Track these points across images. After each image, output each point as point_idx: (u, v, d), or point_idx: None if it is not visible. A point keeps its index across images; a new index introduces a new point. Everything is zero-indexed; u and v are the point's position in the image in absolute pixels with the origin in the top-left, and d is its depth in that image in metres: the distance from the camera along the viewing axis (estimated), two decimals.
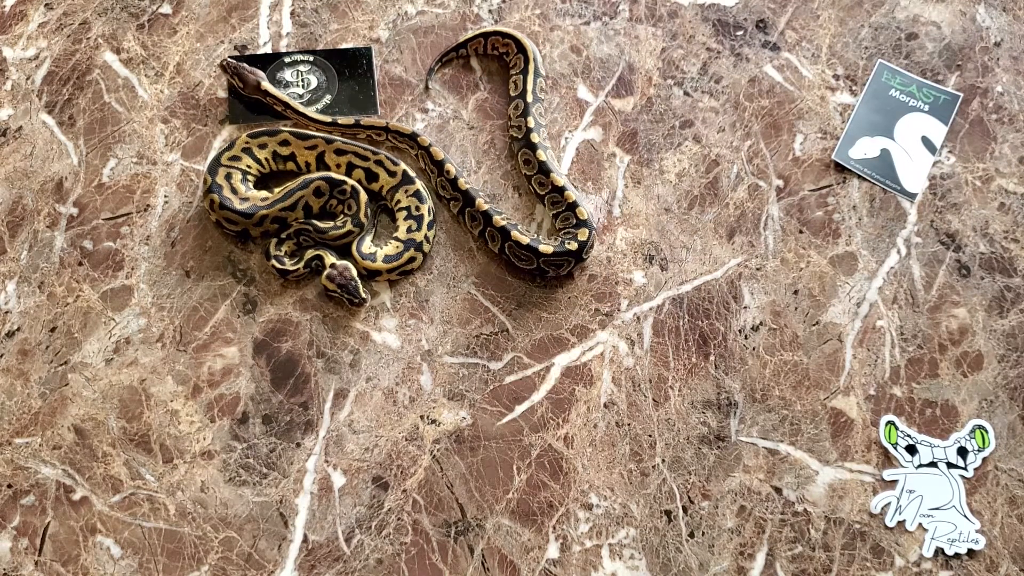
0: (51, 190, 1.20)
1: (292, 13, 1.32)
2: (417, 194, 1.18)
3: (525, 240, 1.14)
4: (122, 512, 1.04)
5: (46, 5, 1.32)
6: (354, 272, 1.13)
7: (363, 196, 1.17)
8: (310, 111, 1.23)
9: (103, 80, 1.27)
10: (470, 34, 1.30)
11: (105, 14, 1.32)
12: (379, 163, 1.20)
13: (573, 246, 1.14)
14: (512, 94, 1.26)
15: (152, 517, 1.04)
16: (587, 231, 1.15)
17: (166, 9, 1.32)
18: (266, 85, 1.22)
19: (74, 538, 1.03)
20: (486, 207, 1.16)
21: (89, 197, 1.20)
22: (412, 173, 1.20)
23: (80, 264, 1.16)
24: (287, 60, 1.29)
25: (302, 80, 1.28)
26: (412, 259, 1.15)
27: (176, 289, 1.15)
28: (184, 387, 1.10)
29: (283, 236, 1.16)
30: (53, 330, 1.13)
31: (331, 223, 1.17)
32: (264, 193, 1.17)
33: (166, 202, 1.20)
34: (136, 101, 1.26)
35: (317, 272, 1.15)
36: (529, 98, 1.24)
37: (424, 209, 1.17)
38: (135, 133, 1.24)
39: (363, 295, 1.12)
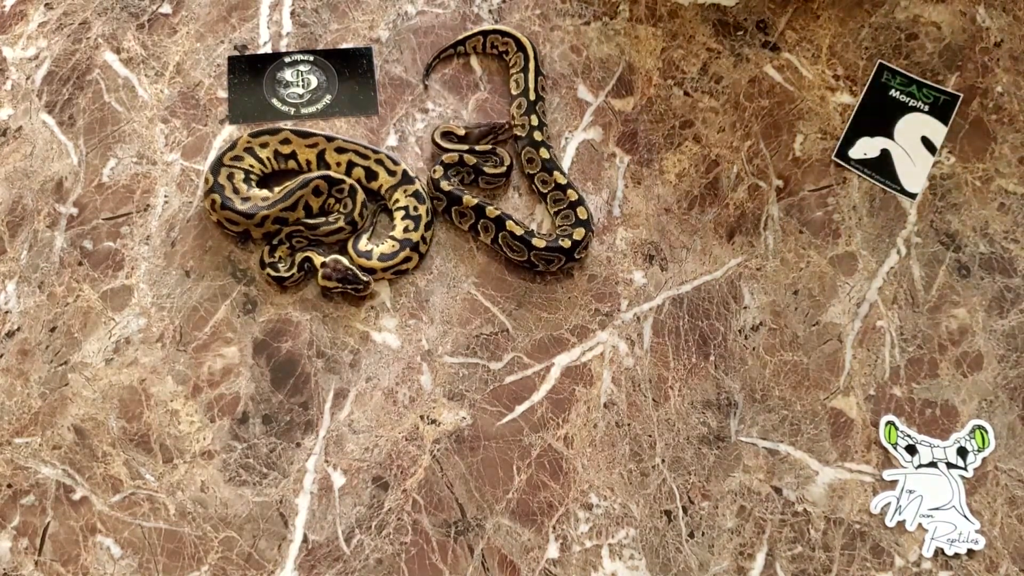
0: (51, 190, 1.20)
1: (292, 13, 1.32)
2: (416, 194, 1.18)
3: (519, 231, 1.14)
4: (122, 512, 1.04)
5: (46, 5, 1.32)
6: (346, 262, 1.13)
7: (360, 195, 1.17)
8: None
9: (103, 80, 1.27)
10: (469, 32, 1.30)
11: (105, 14, 1.32)
12: (379, 162, 1.20)
13: (566, 244, 1.14)
14: (514, 92, 1.26)
15: (152, 517, 1.04)
16: (583, 231, 1.15)
17: (166, 9, 1.32)
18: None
19: (74, 538, 1.03)
20: (476, 201, 1.16)
21: (89, 197, 1.20)
22: (412, 173, 1.20)
23: (80, 264, 1.16)
24: (287, 60, 1.29)
25: (302, 80, 1.28)
26: (408, 259, 1.15)
27: (176, 289, 1.15)
28: (184, 387, 1.10)
29: (275, 242, 1.15)
30: (53, 330, 1.13)
31: (322, 219, 1.17)
32: (265, 193, 1.17)
33: (166, 202, 1.20)
34: (136, 101, 1.26)
35: (309, 273, 1.15)
36: (532, 96, 1.24)
37: (423, 210, 1.17)
38: (135, 133, 1.24)
39: (364, 279, 1.12)
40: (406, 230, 1.16)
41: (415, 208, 1.17)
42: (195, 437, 1.08)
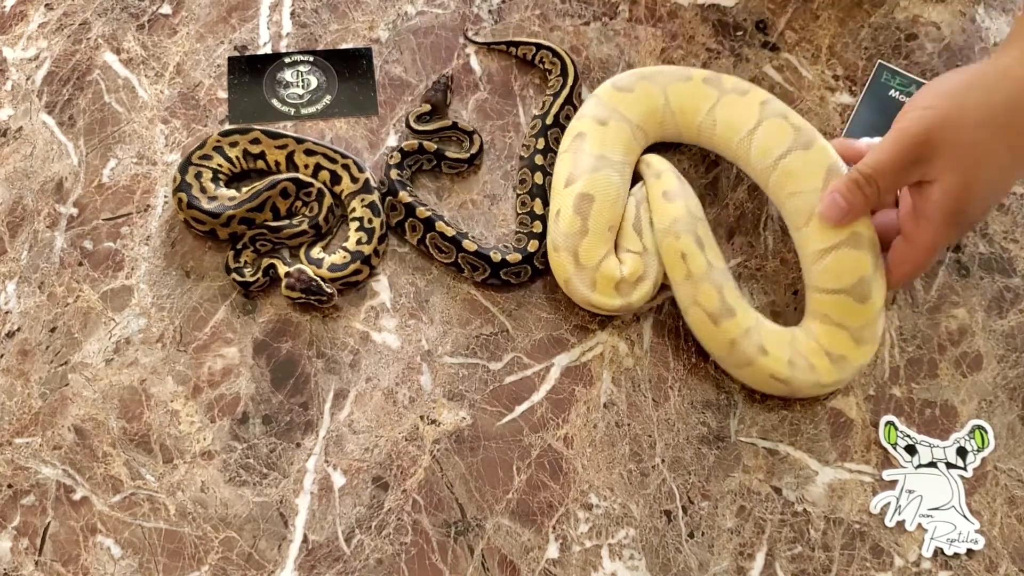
0: (51, 190, 1.20)
1: (292, 13, 1.33)
2: (372, 206, 1.17)
3: (451, 232, 1.14)
4: (122, 512, 1.05)
5: (46, 5, 1.32)
6: (310, 272, 1.12)
7: (327, 200, 1.16)
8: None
9: (103, 80, 1.27)
10: (527, 39, 1.28)
11: (105, 14, 1.32)
12: (345, 167, 1.19)
13: (496, 257, 1.13)
14: (536, 112, 1.25)
15: (152, 517, 1.04)
16: (519, 257, 1.13)
17: (166, 9, 1.33)
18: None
19: (74, 538, 1.03)
20: (409, 199, 1.15)
21: (89, 197, 1.20)
22: (373, 184, 1.18)
23: (80, 264, 1.16)
24: (287, 60, 1.29)
25: (302, 80, 1.28)
26: (357, 271, 1.14)
27: (176, 289, 1.15)
28: (184, 387, 1.11)
29: (239, 247, 1.15)
30: (53, 330, 1.13)
31: (286, 222, 1.16)
32: (232, 192, 1.16)
33: (166, 202, 1.20)
34: (136, 101, 1.26)
35: (274, 280, 1.14)
36: (549, 120, 1.22)
37: (376, 223, 1.16)
38: (135, 133, 1.24)
39: (328, 291, 1.11)
40: (359, 242, 1.15)
41: (370, 220, 1.16)
42: (195, 437, 1.08)
